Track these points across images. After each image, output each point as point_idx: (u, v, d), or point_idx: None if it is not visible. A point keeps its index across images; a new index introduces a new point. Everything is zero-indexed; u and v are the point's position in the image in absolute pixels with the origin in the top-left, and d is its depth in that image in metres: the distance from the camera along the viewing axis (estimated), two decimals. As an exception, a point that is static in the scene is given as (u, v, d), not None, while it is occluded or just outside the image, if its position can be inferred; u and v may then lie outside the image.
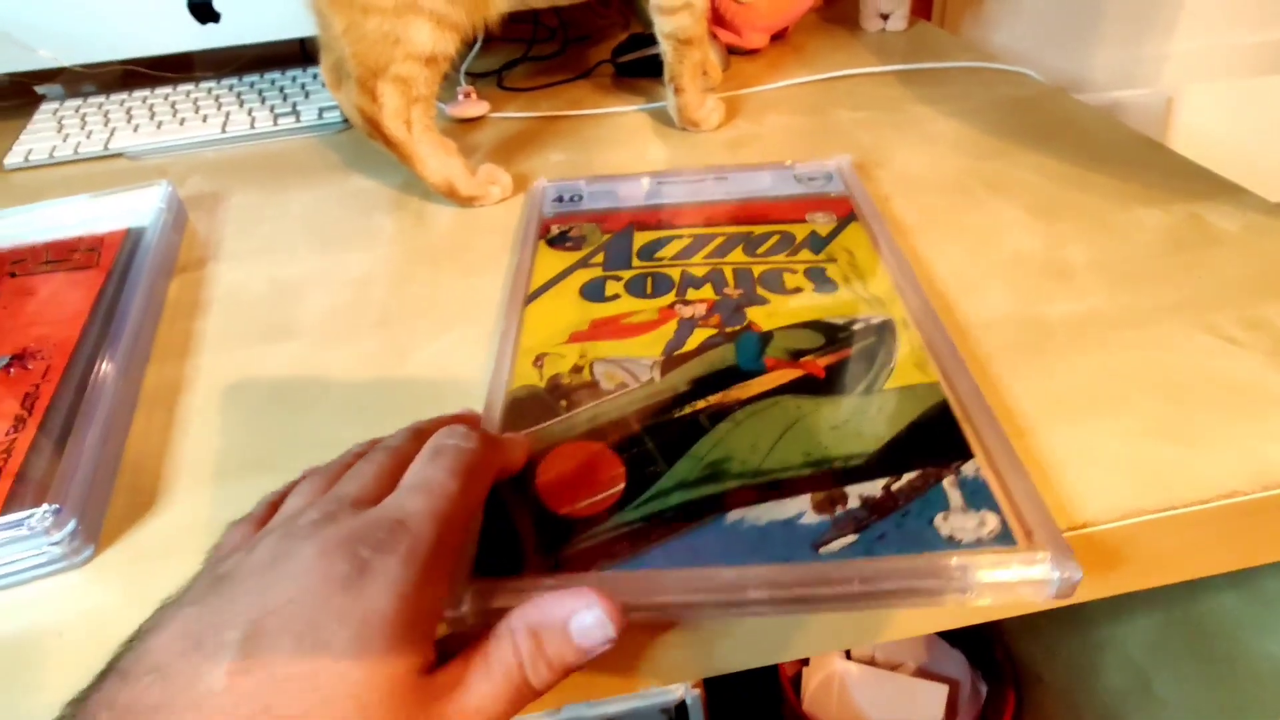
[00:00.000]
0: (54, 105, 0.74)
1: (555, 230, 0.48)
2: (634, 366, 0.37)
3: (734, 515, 0.29)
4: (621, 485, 0.31)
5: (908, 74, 0.69)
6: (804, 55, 0.75)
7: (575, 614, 0.24)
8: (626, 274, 0.43)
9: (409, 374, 0.40)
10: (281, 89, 0.74)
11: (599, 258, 0.45)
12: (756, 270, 0.43)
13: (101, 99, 0.74)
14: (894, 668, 0.92)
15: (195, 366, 0.42)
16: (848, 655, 0.91)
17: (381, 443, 0.29)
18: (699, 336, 0.38)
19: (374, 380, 0.39)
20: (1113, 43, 1.02)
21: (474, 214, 0.53)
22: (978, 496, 0.29)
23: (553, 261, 0.45)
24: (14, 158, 0.67)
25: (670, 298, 0.41)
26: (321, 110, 0.70)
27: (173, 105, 0.72)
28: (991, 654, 0.81)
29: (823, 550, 0.28)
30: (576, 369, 0.37)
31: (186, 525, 0.33)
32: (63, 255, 0.48)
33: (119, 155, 0.68)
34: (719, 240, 0.46)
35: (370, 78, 0.49)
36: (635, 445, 0.33)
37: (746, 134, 0.62)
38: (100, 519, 0.33)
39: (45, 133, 0.70)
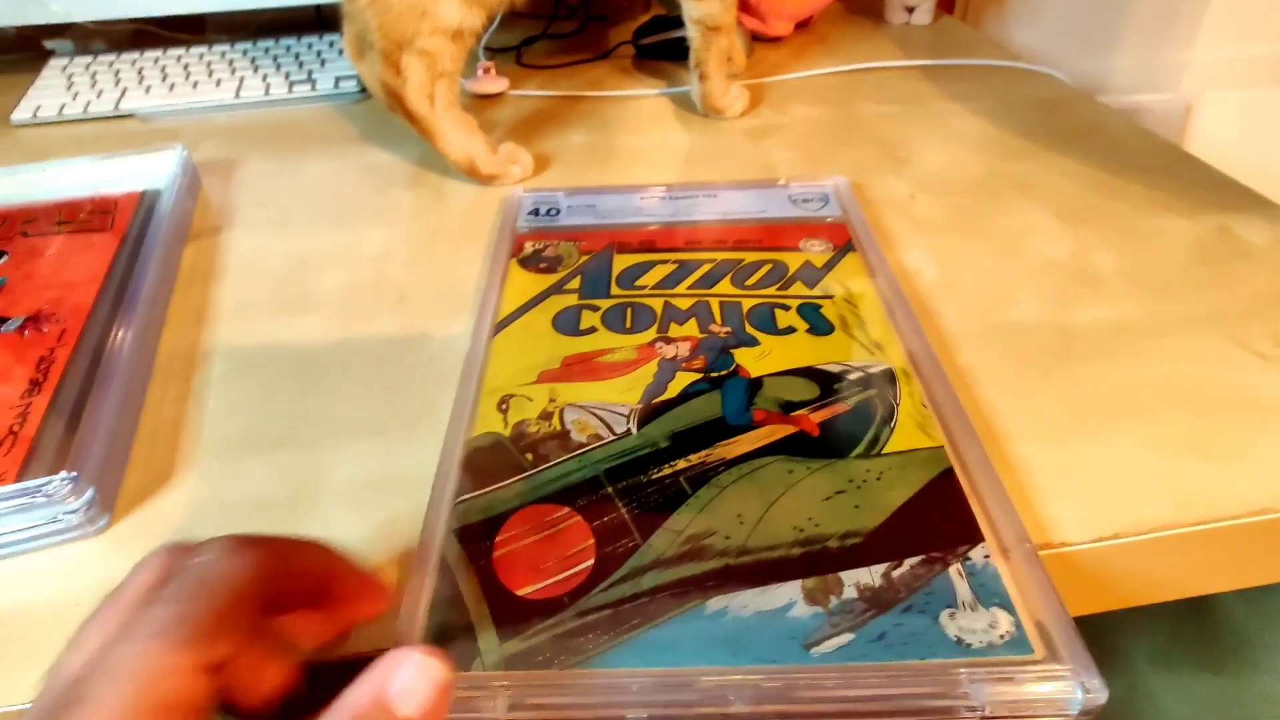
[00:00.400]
0: (63, 61, 0.72)
1: (529, 248, 0.44)
2: (608, 415, 0.33)
3: (716, 603, 0.26)
4: (590, 561, 0.28)
5: (933, 69, 0.68)
6: (828, 45, 0.74)
7: (391, 680, 0.20)
8: (605, 303, 0.40)
9: (431, 356, 0.39)
10: (297, 55, 0.73)
11: (575, 283, 0.41)
12: (746, 304, 0.39)
13: (112, 57, 0.72)
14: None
15: (211, 337, 0.41)
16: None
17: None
18: (681, 381, 0.35)
19: (395, 361, 0.39)
20: (1134, 47, 1.01)
21: (493, 193, 0.53)
22: (988, 590, 0.26)
23: (524, 284, 0.41)
24: (22, 113, 0.65)
25: (651, 334, 0.38)
26: (338, 79, 0.69)
27: (185, 67, 0.71)
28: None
29: (814, 651, 0.25)
30: (545, 415, 0.33)
31: (203, 500, 0.32)
32: (75, 217, 0.47)
33: (130, 116, 0.66)
34: (706, 267, 0.42)
35: (395, 50, 0.48)
36: (607, 512, 0.29)
37: (770, 123, 0.61)
38: (116, 488, 0.32)
39: (54, 89, 0.68)
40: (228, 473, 0.33)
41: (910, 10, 0.78)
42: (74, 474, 0.29)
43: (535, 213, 0.48)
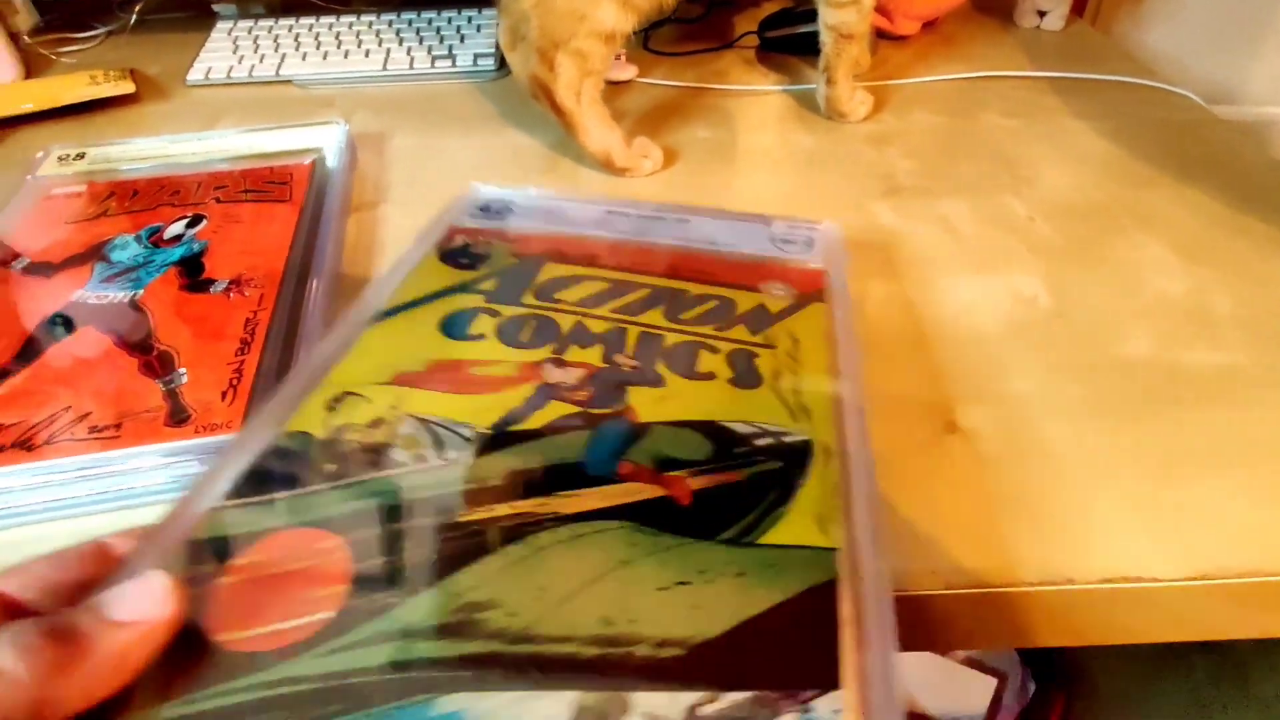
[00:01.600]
0: (228, 25, 0.78)
1: (459, 241, 0.41)
2: (448, 434, 0.28)
3: (449, 704, 0.20)
4: (330, 614, 0.22)
5: (1061, 82, 0.68)
6: (953, 48, 0.74)
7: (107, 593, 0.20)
8: (509, 311, 0.35)
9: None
10: (438, 30, 0.77)
11: (489, 285, 0.37)
12: (669, 340, 0.34)
13: (270, 23, 0.78)
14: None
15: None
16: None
17: None
18: (553, 412, 0.30)
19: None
20: (1277, 55, 0.97)
21: (624, 184, 0.56)
22: None
23: (433, 277, 0.38)
24: (195, 74, 0.72)
25: (544, 352, 0.33)
26: (476, 56, 0.73)
27: (337, 36, 0.76)
28: (1047, 652, 0.83)
29: None
30: (376, 423, 0.29)
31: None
32: (259, 186, 0.52)
33: (288, 82, 0.72)
34: (642, 293, 0.37)
35: (551, 49, 0.51)
36: (386, 551, 0.24)
37: (891, 130, 0.62)
38: None
39: (222, 52, 0.74)
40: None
41: (1042, 14, 0.77)
42: (287, 428, 0.35)
43: (486, 209, 0.45)
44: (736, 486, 0.27)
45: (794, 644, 0.22)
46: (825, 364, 0.34)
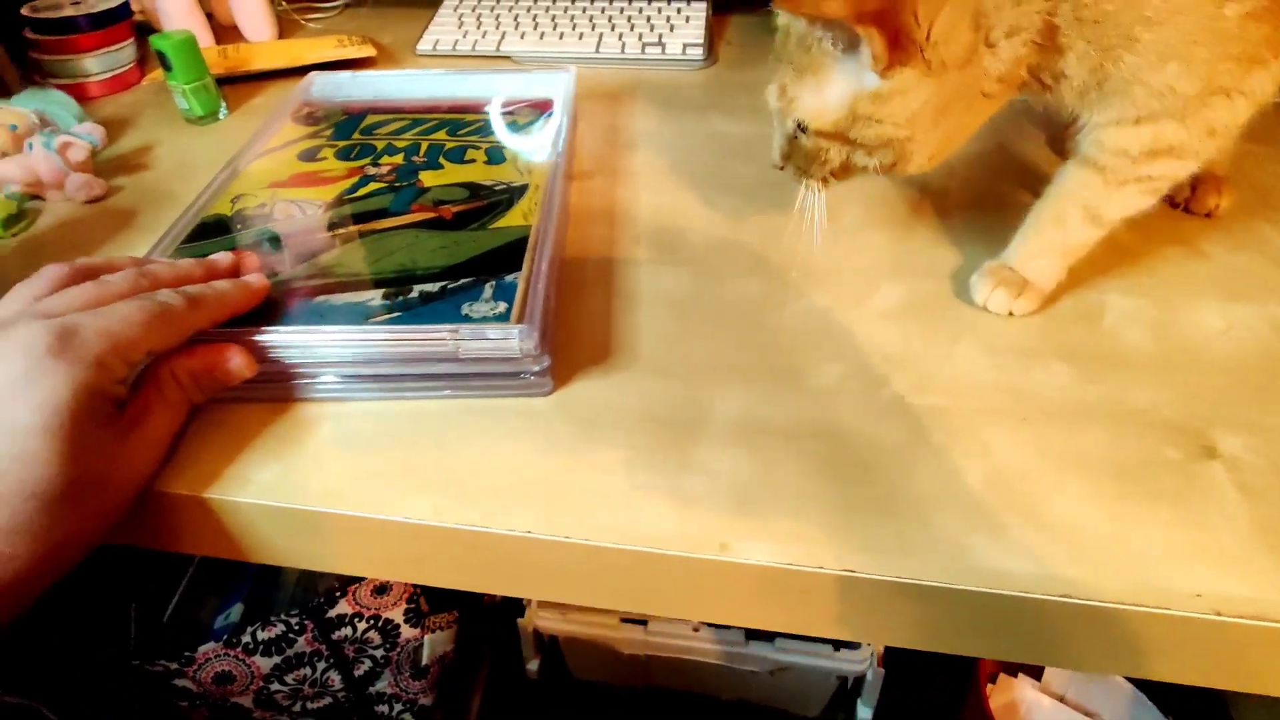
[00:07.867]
0: (455, 1, 0.83)
1: (305, 110, 0.59)
2: (307, 206, 0.47)
3: (321, 299, 0.40)
4: (264, 278, 0.41)
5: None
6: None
7: (226, 360, 0.36)
8: (342, 144, 0.54)
9: (783, 324, 0.43)
10: (649, 18, 0.79)
11: (329, 132, 0.56)
12: (449, 146, 0.53)
13: (493, 1, 0.83)
14: (1088, 715, 0.89)
15: (599, 267, 0.48)
16: (1037, 678, 0.89)
17: (102, 277, 0.36)
18: (371, 188, 0.49)
19: (754, 323, 0.43)
20: None
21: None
22: (503, 292, 0.39)
23: (290, 132, 0.56)
24: (424, 44, 0.77)
25: (365, 162, 0.52)
26: (685, 46, 0.74)
27: (553, 18, 0.79)
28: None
29: (369, 321, 0.38)
30: (261, 205, 0.47)
31: (603, 404, 0.39)
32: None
33: (506, 57, 0.76)
34: (432, 122, 0.56)
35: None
36: (276, 254, 0.43)
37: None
38: (556, 368, 0.40)
39: (448, 26, 0.79)
40: (626, 390, 0.40)
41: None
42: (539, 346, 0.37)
43: (324, 88, 0.62)
44: (481, 208, 0.47)
45: (500, 262, 0.42)
46: (547, 150, 0.53)
